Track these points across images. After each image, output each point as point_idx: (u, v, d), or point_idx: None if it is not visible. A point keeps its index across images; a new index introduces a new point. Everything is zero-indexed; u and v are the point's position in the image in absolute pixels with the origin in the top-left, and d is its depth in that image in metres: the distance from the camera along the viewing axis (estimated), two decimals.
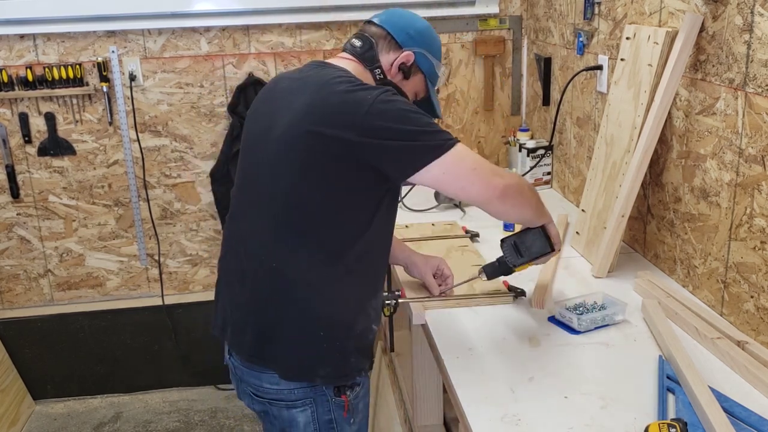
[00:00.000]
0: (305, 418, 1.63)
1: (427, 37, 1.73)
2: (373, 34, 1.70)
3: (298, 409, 1.63)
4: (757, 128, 1.58)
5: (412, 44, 1.70)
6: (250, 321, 1.61)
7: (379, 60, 1.68)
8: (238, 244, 1.64)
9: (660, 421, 1.30)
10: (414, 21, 1.74)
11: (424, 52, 1.72)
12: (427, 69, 1.74)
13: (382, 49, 1.69)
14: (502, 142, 3.33)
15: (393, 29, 1.69)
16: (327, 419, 1.65)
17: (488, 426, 1.38)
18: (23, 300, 3.29)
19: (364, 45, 1.69)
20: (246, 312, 1.61)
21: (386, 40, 1.69)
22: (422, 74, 1.74)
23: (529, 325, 1.77)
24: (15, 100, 3.02)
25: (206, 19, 3.00)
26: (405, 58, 1.68)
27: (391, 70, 1.70)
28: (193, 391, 3.44)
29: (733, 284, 1.71)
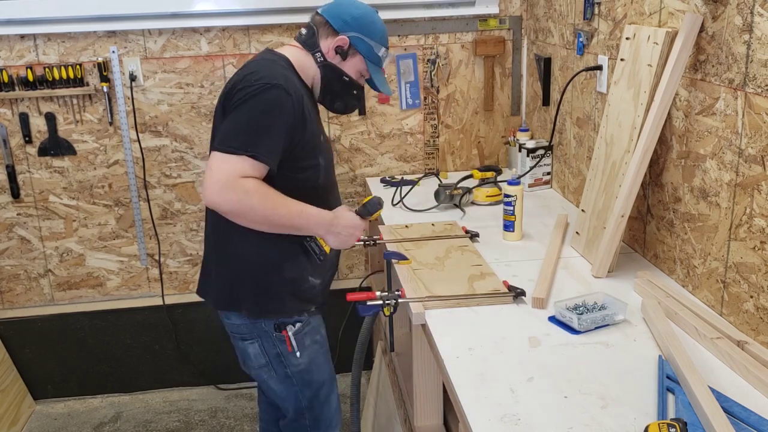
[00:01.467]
0: (254, 350, 1.97)
1: (362, 22, 1.97)
2: (316, 22, 1.99)
3: (248, 341, 1.97)
4: (757, 128, 1.58)
5: (347, 29, 1.95)
6: (202, 262, 2.03)
7: (319, 45, 1.96)
8: None
9: (660, 421, 1.30)
10: (350, 8, 1.98)
11: (360, 36, 1.96)
12: (365, 51, 1.97)
13: (322, 35, 1.97)
14: (502, 142, 3.33)
15: (330, 16, 1.96)
16: (274, 353, 1.96)
17: (488, 426, 1.38)
18: (23, 300, 3.29)
19: (308, 33, 1.99)
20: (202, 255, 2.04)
21: (325, 27, 1.96)
22: (361, 56, 1.98)
23: (529, 325, 1.77)
24: (15, 100, 3.02)
25: (206, 19, 3.00)
26: (340, 41, 1.95)
27: (329, 53, 1.96)
28: (193, 391, 3.44)
29: (733, 284, 1.71)
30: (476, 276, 2.02)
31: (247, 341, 1.97)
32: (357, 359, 2.45)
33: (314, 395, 2.04)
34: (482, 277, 2.01)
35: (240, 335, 1.98)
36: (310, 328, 1.99)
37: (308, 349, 1.99)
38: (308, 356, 1.99)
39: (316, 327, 2.02)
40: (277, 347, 1.96)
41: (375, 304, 1.88)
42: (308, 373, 2.01)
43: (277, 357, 1.97)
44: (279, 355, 1.97)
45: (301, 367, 1.99)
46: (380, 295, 1.89)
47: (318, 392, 2.05)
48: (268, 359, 1.97)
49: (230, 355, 3.36)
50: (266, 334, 1.95)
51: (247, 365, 2.03)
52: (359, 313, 1.93)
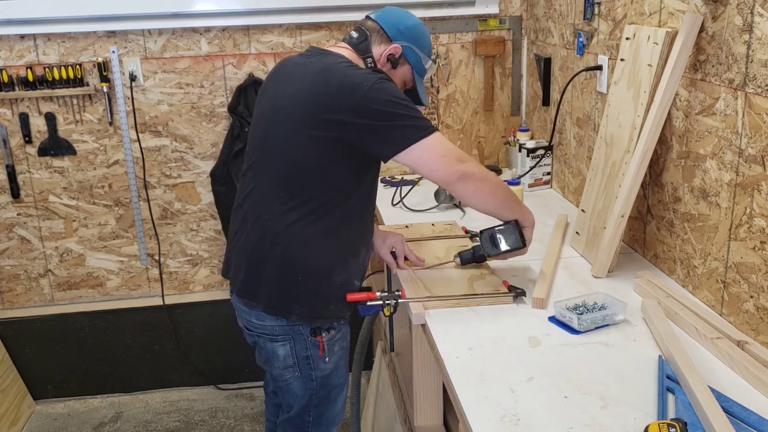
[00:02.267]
0: (284, 351, 1.93)
1: (415, 33, 1.97)
2: (368, 27, 1.96)
3: (279, 343, 1.93)
4: (757, 128, 1.58)
5: (401, 38, 1.95)
6: (243, 261, 1.92)
7: (371, 51, 1.94)
8: (245, 198, 1.94)
9: (660, 421, 1.30)
10: (405, 18, 1.99)
11: (411, 46, 1.96)
12: (414, 61, 1.98)
13: (375, 41, 1.94)
14: (502, 142, 3.33)
15: (385, 24, 1.95)
16: (304, 355, 1.94)
17: (488, 426, 1.38)
18: (23, 300, 3.29)
19: (359, 36, 1.95)
20: (241, 254, 1.93)
21: (379, 33, 1.94)
22: (409, 66, 1.98)
23: (529, 325, 1.77)
24: (15, 100, 3.02)
25: (206, 19, 3.00)
26: (393, 50, 1.94)
27: (381, 59, 1.94)
28: (193, 391, 3.44)
29: (733, 284, 1.71)
30: (476, 276, 2.02)
31: (278, 342, 1.94)
32: (357, 359, 2.45)
33: (325, 396, 2.04)
34: (482, 277, 2.01)
35: (271, 336, 1.94)
36: (341, 335, 1.99)
37: (336, 354, 1.99)
38: (334, 362, 2.00)
39: (345, 334, 2.02)
40: (308, 350, 1.94)
41: (375, 304, 1.88)
42: (328, 378, 2.01)
43: (306, 359, 1.95)
44: (308, 358, 1.95)
45: (326, 371, 1.99)
46: (380, 295, 1.89)
47: (329, 393, 2.05)
48: (296, 360, 1.95)
49: (230, 355, 3.39)
50: (300, 337, 1.92)
51: (271, 364, 2.00)
52: (359, 313, 1.93)
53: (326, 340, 1.93)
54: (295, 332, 1.91)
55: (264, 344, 1.97)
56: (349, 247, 1.91)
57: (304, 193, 1.83)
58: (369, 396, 3.03)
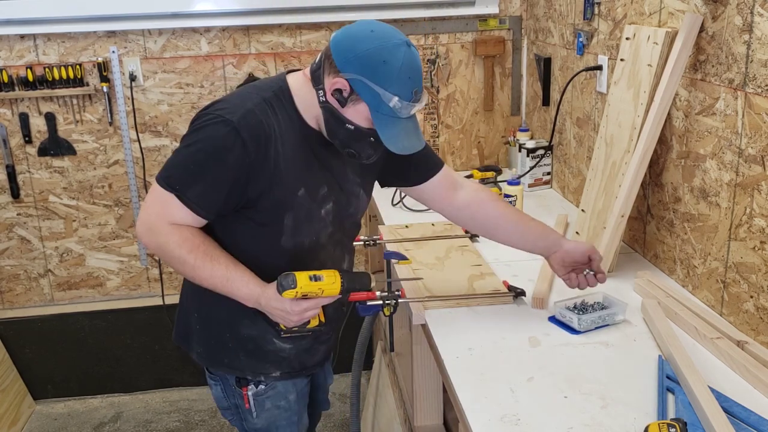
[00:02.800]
0: (217, 392, 1.83)
1: (368, 62, 1.47)
2: (324, 51, 1.55)
3: (212, 381, 1.83)
4: (757, 128, 1.58)
5: (348, 69, 1.48)
6: None
7: (323, 81, 1.54)
8: None
9: (660, 421, 1.30)
10: (356, 44, 1.49)
11: (363, 80, 1.47)
12: (369, 99, 1.49)
13: (326, 70, 1.53)
14: (502, 142, 3.33)
15: (335, 50, 1.51)
16: (233, 402, 1.81)
17: (488, 426, 1.38)
18: (23, 300, 3.29)
19: (317, 63, 1.57)
20: None
21: (329, 61, 1.52)
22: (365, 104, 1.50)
23: (529, 325, 1.77)
24: (15, 100, 3.02)
25: (206, 19, 3.00)
26: (338, 84, 1.50)
27: (328, 94, 1.53)
28: (193, 391, 3.44)
29: (733, 284, 1.71)
30: (476, 276, 2.02)
31: (212, 381, 1.82)
32: (357, 359, 2.45)
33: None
34: (482, 277, 2.01)
35: (208, 373, 1.83)
36: (274, 393, 1.77)
37: (268, 412, 1.78)
38: (266, 420, 1.80)
39: (282, 392, 1.78)
40: (236, 398, 1.79)
41: (375, 304, 1.88)
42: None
43: (236, 407, 1.81)
44: (237, 407, 1.81)
45: (257, 426, 1.81)
46: (380, 295, 1.89)
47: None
48: (229, 405, 1.82)
49: None
50: (227, 382, 1.78)
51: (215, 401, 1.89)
52: (359, 313, 1.92)
53: (252, 395, 1.75)
54: (221, 376, 1.79)
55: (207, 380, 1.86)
56: None
57: None
58: (369, 396, 3.03)
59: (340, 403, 3.24)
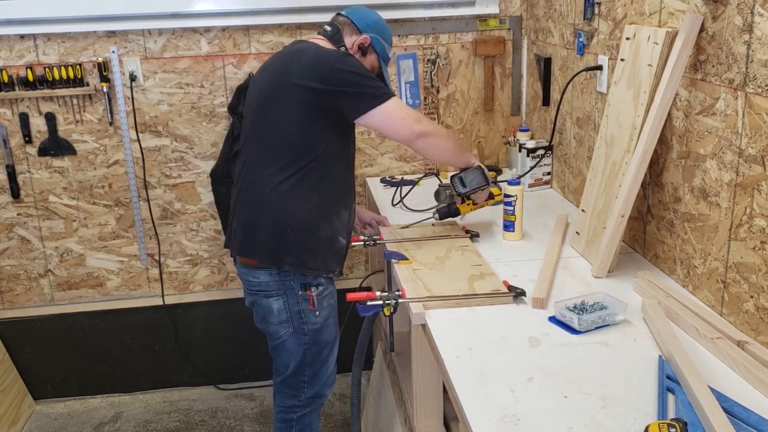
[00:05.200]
0: (278, 305, 2.19)
1: (380, 26, 2.29)
2: (340, 22, 2.28)
3: (273, 298, 2.19)
4: (757, 128, 1.58)
5: (369, 30, 2.27)
6: (240, 223, 2.22)
7: (344, 41, 2.25)
8: (239, 172, 2.25)
9: (660, 421, 1.30)
10: (371, 14, 2.32)
11: (378, 37, 2.27)
12: (380, 50, 2.29)
13: (346, 33, 2.26)
14: (502, 142, 3.33)
15: (355, 18, 2.27)
16: (296, 309, 2.19)
17: (488, 426, 1.38)
18: (23, 300, 3.29)
19: (333, 29, 2.27)
20: (238, 217, 2.23)
21: (350, 26, 2.27)
22: (376, 54, 2.29)
23: (529, 325, 1.77)
24: (15, 100, 3.02)
25: (206, 19, 3.00)
26: (363, 40, 2.25)
27: (353, 48, 2.25)
28: (193, 391, 3.44)
29: (733, 284, 1.71)
30: (476, 276, 2.02)
31: (272, 297, 2.18)
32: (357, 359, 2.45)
33: (318, 352, 2.25)
34: (482, 277, 2.01)
35: (266, 292, 2.18)
36: (329, 292, 2.23)
37: (325, 310, 2.21)
38: (324, 317, 2.22)
39: (332, 292, 2.26)
40: (300, 304, 2.18)
41: (375, 304, 1.88)
42: (319, 333, 2.22)
43: (299, 313, 2.18)
44: (300, 312, 2.18)
45: (317, 325, 2.20)
46: (380, 295, 1.89)
47: (322, 350, 2.25)
48: (289, 314, 2.18)
49: (230, 355, 3.39)
50: (292, 291, 2.17)
51: (267, 321, 2.22)
52: (359, 313, 1.93)
53: (315, 295, 2.17)
54: (287, 287, 2.16)
55: (260, 301, 2.21)
56: (330, 206, 2.18)
57: (286, 157, 2.11)
58: (369, 396, 3.03)
59: (340, 403, 3.24)
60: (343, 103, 2.09)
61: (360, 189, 3.29)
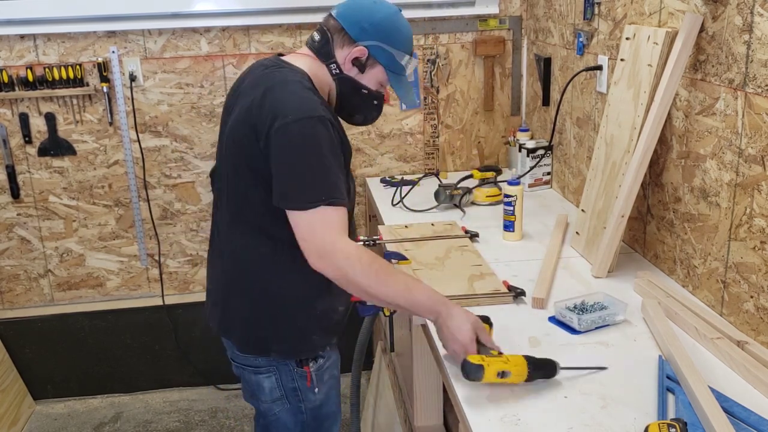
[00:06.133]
0: (270, 383, 1.79)
1: (384, 28, 1.69)
2: (330, 27, 1.71)
3: (263, 375, 1.79)
4: (757, 128, 1.58)
5: (365, 38, 1.68)
6: (218, 296, 1.81)
7: (334, 55, 1.70)
8: (216, 227, 1.81)
9: (660, 421, 1.30)
10: (371, 13, 1.70)
11: (381, 45, 1.69)
12: (385, 61, 1.71)
13: (337, 44, 1.70)
14: (502, 142, 3.33)
15: (347, 23, 1.69)
16: (291, 387, 1.79)
17: (488, 426, 1.38)
18: (23, 300, 3.29)
19: (321, 39, 1.72)
20: (216, 288, 1.82)
21: (341, 34, 1.69)
22: (381, 66, 1.72)
23: (529, 325, 1.77)
24: (15, 101, 3.02)
25: (206, 19, 3.00)
26: (358, 53, 1.69)
27: (346, 64, 1.70)
28: (193, 391, 3.44)
29: (733, 284, 1.71)
30: (476, 276, 2.02)
31: (262, 375, 1.80)
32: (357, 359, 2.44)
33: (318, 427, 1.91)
34: (482, 277, 2.01)
35: (254, 368, 1.80)
36: (330, 363, 1.85)
37: (326, 384, 1.85)
38: (325, 392, 1.86)
39: (335, 362, 1.88)
40: (295, 382, 1.80)
41: (375, 304, 1.88)
42: (320, 409, 1.87)
43: (294, 391, 1.81)
44: (296, 390, 1.81)
45: (317, 403, 1.84)
46: None
47: (322, 424, 1.92)
48: (283, 392, 1.81)
49: None
50: (285, 368, 1.78)
51: (258, 398, 1.85)
52: (359, 313, 1.92)
53: (314, 370, 1.78)
54: (280, 364, 1.78)
55: (249, 377, 1.83)
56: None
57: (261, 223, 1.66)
58: (369, 396, 3.03)
59: None
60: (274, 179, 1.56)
61: (360, 189, 3.29)
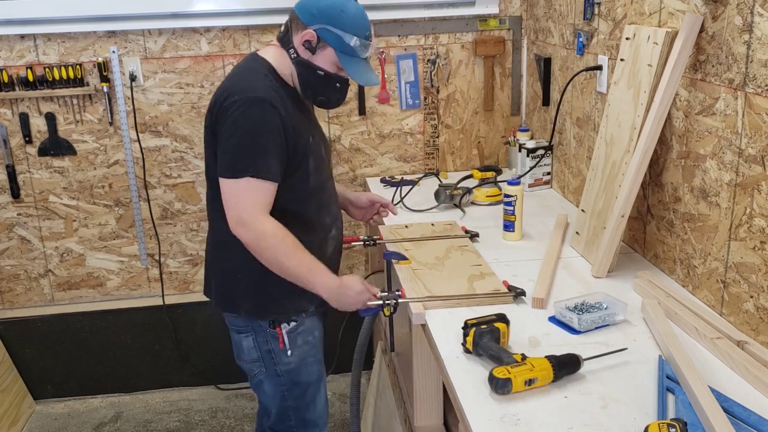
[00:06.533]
0: (248, 343, 1.99)
1: (330, 12, 1.84)
2: (291, 17, 1.91)
3: (242, 335, 2.00)
4: (757, 128, 1.58)
5: (314, 22, 1.85)
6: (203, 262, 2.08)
7: (292, 41, 1.88)
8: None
9: (660, 421, 1.30)
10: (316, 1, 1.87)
11: (327, 27, 1.84)
12: (334, 42, 1.85)
13: (294, 30, 1.88)
14: (502, 142, 3.33)
15: (299, 10, 1.88)
16: (266, 349, 1.98)
17: (488, 426, 1.38)
18: (24, 300, 3.29)
19: (284, 29, 1.92)
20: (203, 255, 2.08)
21: (296, 21, 1.88)
22: (332, 48, 1.86)
23: (529, 325, 1.77)
24: (15, 100, 3.02)
25: (206, 19, 3.00)
26: (307, 35, 1.85)
27: (299, 48, 1.88)
28: (193, 391, 3.44)
29: (733, 284, 1.71)
30: (476, 276, 2.02)
31: (242, 334, 2.00)
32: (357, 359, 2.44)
33: (300, 395, 2.04)
34: (482, 277, 2.01)
35: (236, 327, 2.01)
36: (305, 328, 2.00)
37: (299, 348, 1.99)
38: (299, 356, 2.00)
39: (309, 328, 2.02)
40: (269, 343, 1.97)
41: (375, 304, 1.88)
42: (297, 373, 2.01)
43: (269, 353, 1.98)
44: (270, 352, 1.98)
45: (291, 366, 2.00)
46: (380, 295, 1.89)
47: (305, 392, 2.05)
48: (260, 354, 1.99)
49: (230, 355, 3.38)
50: (260, 329, 1.97)
51: (241, 358, 2.05)
52: (359, 313, 1.93)
53: (286, 332, 1.95)
54: (254, 324, 1.97)
55: (233, 336, 2.03)
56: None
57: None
58: (369, 396, 3.03)
59: (340, 403, 3.24)
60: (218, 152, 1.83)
61: (360, 189, 3.29)
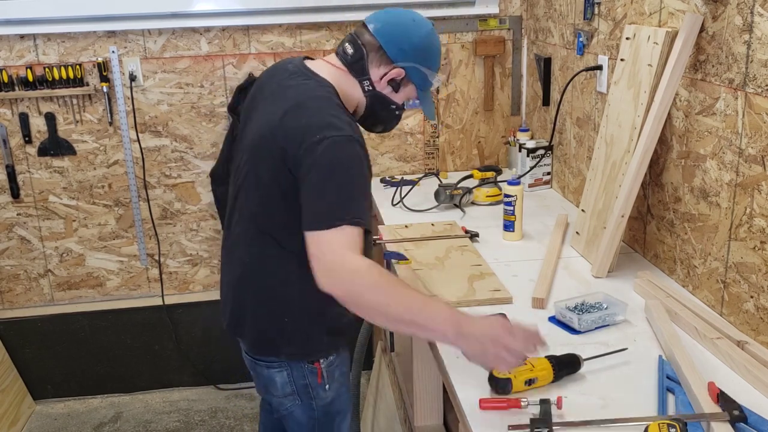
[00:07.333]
0: (282, 378, 1.80)
1: (422, 51, 1.70)
2: (365, 43, 1.69)
3: (275, 370, 1.80)
4: (757, 128, 1.58)
5: (404, 59, 1.69)
6: (229, 299, 1.82)
7: (368, 72, 1.70)
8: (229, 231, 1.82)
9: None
10: (411, 34, 1.69)
11: (417, 66, 1.70)
12: (418, 81, 1.73)
13: (373, 62, 1.69)
14: (502, 142, 3.33)
15: (386, 42, 1.68)
16: (303, 383, 1.81)
17: (488, 426, 1.38)
18: (23, 300, 3.29)
19: (355, 54, 1.70)
20: (227, 291, 1.83)
21: (378, 53, 1.68)
22: (413, 85, 1.74)
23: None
24: (15, 100, 3.02)
25: (206, 19, 3.00)
26: (395, 74, 1.70)
27: (381, 83, 1.71)
28: (193, 391, 3.44)
29: (733, 284, 1.71)
30: (476, 276, 2.02)
31: (274, 369, 1.81)
32: (357, 359, 2.45)
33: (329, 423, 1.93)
34: (482, 277, 2.01)
35: (266, 363, 1.82)
36: (340, 360, 1.87)
37: (336, 381, 1.87)
38: (335, 389, 1.87)
39: (344, 359, 1.90)
40: (306, 378, 1.81)
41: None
42: (331, 405, 1.89)
43: (305, 387, 1.82)
44: (307, 386, 1.83)
45: (327, 400, 1.86)
46: None
47: (333, 420, 1.94)
48: (294, 388, 1.82)
49: (230, 355, 3.38)
50: (297, 365, 1.80)
51: (270, 392, 1.87)
52: None
53: (324, 367, 1.80)
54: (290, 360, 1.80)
55: (261, 371, 1.84)
56: None
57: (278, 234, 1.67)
58: (369, 396, 3.03)
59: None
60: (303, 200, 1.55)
61: None
